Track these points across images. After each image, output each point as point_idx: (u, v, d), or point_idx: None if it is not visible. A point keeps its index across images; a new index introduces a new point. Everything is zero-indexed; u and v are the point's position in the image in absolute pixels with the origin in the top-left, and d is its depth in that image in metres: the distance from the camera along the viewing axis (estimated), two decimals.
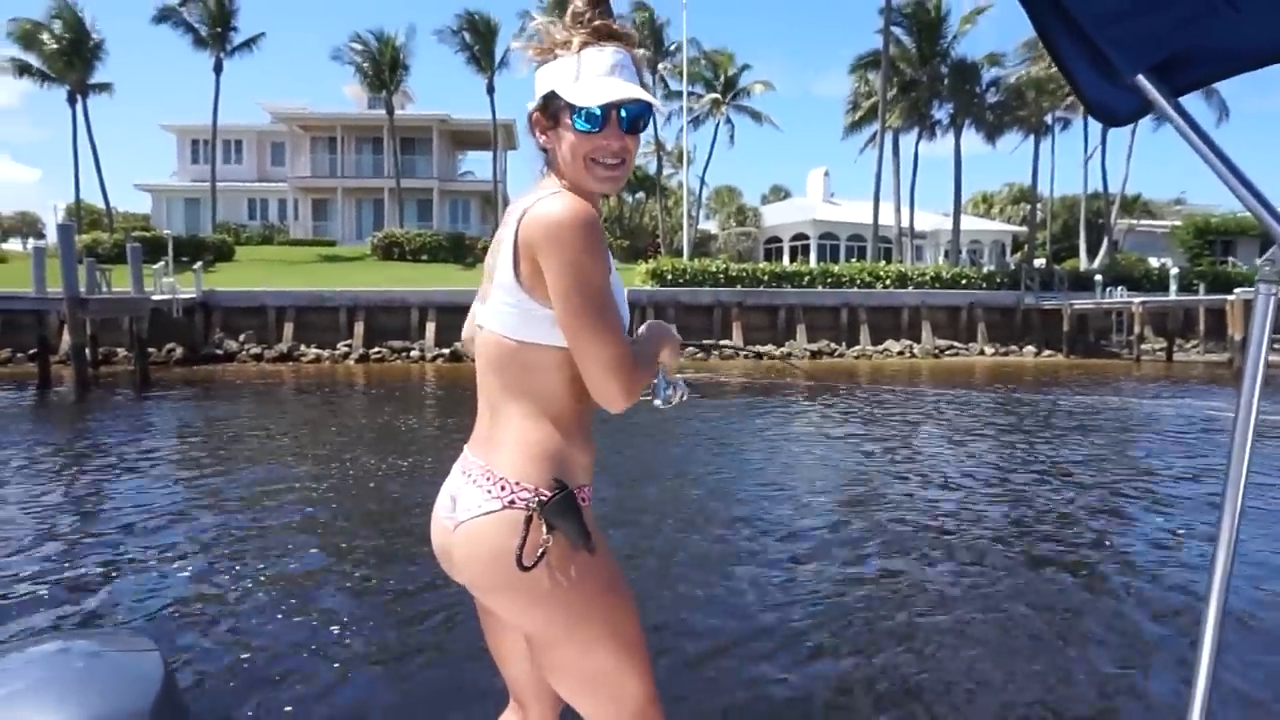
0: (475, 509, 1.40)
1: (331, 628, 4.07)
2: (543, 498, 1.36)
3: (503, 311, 1.40)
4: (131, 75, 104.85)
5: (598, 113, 1.37)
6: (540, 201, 1.35)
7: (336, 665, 3.66)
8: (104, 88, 36.33)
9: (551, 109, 1.42)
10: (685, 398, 1.66)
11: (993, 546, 5.62)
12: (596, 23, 1.40)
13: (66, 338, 18.08)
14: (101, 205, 38.10)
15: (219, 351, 22.84)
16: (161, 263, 22.55)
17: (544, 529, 1.35)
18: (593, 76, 1.37)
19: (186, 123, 40.98)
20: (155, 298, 20.29)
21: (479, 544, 1.39)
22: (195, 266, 24.42)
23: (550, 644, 1.43)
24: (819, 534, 5.90)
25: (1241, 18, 0.96)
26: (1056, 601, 4.60)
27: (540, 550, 1.34)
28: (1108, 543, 5.85)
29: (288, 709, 3.25)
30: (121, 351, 21.25)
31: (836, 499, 7.19)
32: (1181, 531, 6.08)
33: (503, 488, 1.38)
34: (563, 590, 1.38)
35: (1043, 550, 5.58)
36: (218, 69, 35.47)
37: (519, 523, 1.35)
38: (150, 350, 19.52)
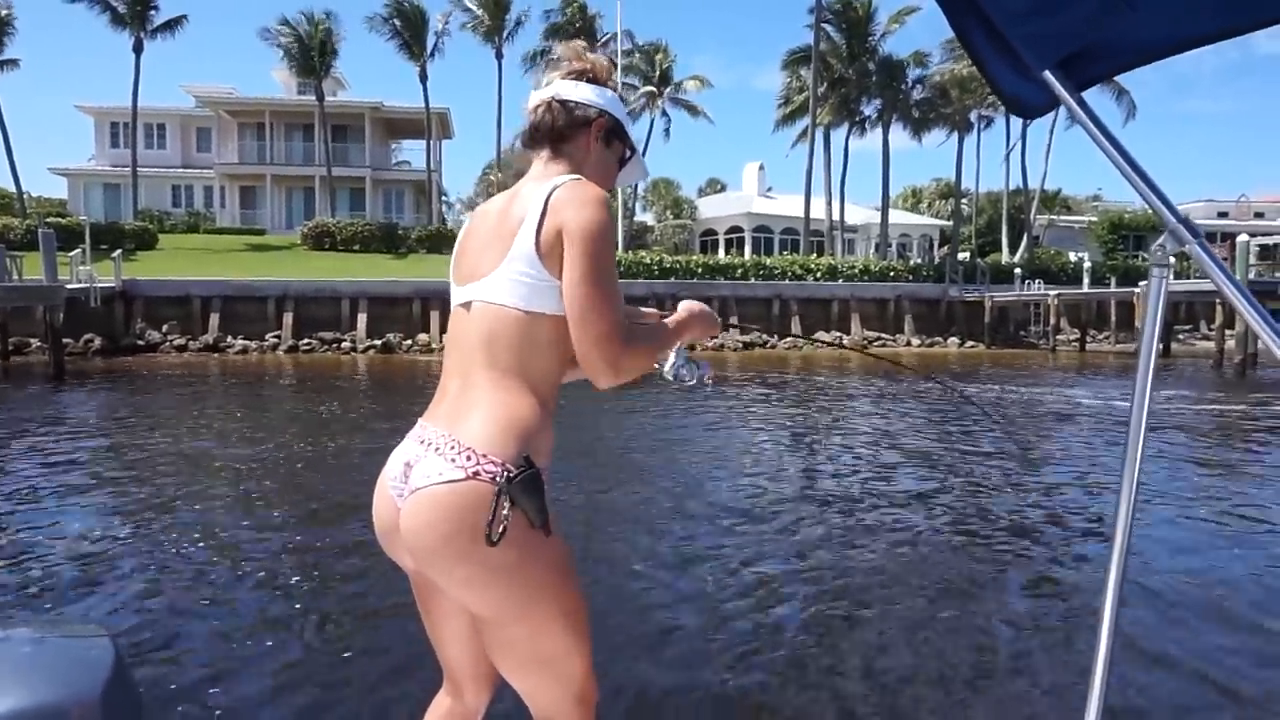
0: (435, 475, 1.36)
1: (275, 618, 4.10)
2: (509, 473, 1.35)
3: (515, 281, 1.44)
4: (43, 55, 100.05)
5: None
6: (571, 183, 1.48)
7: (283, 652, 3.70)
8: (12, 64, 34.73)
9: (614, 131, 1.65)
10: (707, 381, 1.66)
11: (910, 524, 5.97)
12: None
13: None
14: (12, 189, 36.38)
15: (140, 342, 22.16)
16: (78, 250, 21.73)
17: (507, 505, 1.33)
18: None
19: (104, 104, 39.29)
20: (71, 286, 19.55)
21: (435, 512, 1.35)
22: (115, 254, 23.59)
23: (501, 622, 1.42)
24: (741, 510, 6.17)
25: (1138, 16, 1.07)
26: (970, 574, 4.94)
27: (501, 527, 1.33)
28: (1014, 521, 6.25)
29: (240, 695, 3.28)
30: (35, 342, 20.46)
31: (767, 480, 7.48)
32: (1075, 506, 6.52)
33: (468, 458, 1.36)
34: (519, 569, 1.37)
35: (956, 528, 5.94)
36: (138, 49, 34.18)
37: (481, 495, 1.33)
38: (67, 341, 18.85)
